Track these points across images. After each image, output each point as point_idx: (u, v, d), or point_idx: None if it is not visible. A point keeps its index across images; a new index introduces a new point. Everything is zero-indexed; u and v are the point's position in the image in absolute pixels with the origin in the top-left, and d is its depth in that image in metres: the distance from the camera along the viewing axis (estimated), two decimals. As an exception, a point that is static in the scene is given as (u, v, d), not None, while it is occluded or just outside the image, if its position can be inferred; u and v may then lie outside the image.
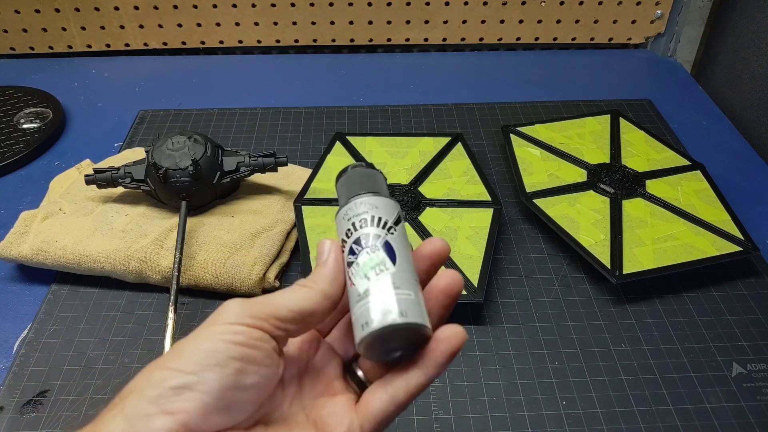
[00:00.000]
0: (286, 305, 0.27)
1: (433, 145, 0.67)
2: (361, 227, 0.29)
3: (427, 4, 0.88)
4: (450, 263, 0.54)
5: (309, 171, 0.64)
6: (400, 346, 0.28)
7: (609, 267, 0.54)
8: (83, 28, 0.87)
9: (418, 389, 0.28)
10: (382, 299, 0.27)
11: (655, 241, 0.56)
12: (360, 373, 0.30)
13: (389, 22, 0.89)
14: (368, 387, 0.29)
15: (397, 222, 0.30)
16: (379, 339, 0.27)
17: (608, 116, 0.73)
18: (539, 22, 0.90)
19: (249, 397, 0.26)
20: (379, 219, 0.29)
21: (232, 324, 0.26)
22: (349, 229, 0.30)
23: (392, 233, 0.29)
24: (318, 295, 0.28)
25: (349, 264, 0.29)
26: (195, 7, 0.86)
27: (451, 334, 0.28)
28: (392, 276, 0.28)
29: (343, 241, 0.30)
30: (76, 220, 0.57)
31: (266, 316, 0.27)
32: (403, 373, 0.28)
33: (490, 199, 0.60)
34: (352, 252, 0.29)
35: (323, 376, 0.30)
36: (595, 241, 0.56)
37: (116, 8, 0.86)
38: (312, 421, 0.28)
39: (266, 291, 0.54)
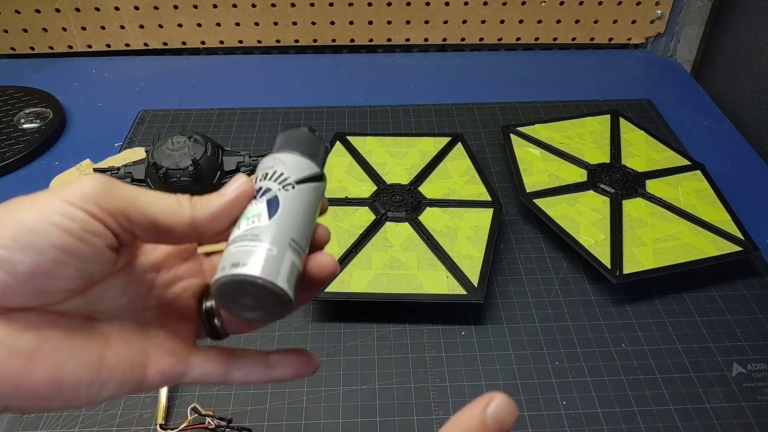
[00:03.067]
0: (144, 209, 0.24)
1: (433, 145, 0.67)
2: (261, 179, 0.28)
3: (428, 4, 0.88)
4: (450, 263, 0.54)
5: (309, 171, 0.64)
6: (253, 303, 0.26)
7: (609, 267, 0.53)
8: (83, 28, 0.87)
9: (254, 382, 0.27)
10: (239, 250, 0.25)
11: (656, 241, 0.56)
12: (209, 304, 0.29)
13: (389, 22, 0.89)
14: (212, 345, 0.28)
15: (300, 182, 0.28)
16: (228, 289, 0.25)
17: (608, 116, 0.73)
18: (539, 22, 0.90)
19: (61, 285, 0.23)
20: (281, 174, 0.28)
21: (72, 205, 0.22)
22: (258, 178, 0.28)
23: (287, 190, 0.28)
24: (185, 218, 0.25)
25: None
26: (195, 7, 0.86)
27: (298, 361, 0.28)
28: (261, 229, 0.26)
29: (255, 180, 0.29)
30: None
31: (116, 210, 0.23)
32: (251, 361, 0.27)
33: (490, 199, 0.60)
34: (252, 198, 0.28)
35: (182, 292, 0.28)
36: (595, 241, 0.56)
37: (116, 8, 0.86)
38: (141, 339, 0.26)
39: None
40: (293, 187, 0.28)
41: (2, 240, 0.21)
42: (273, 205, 0.27)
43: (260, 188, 0.28)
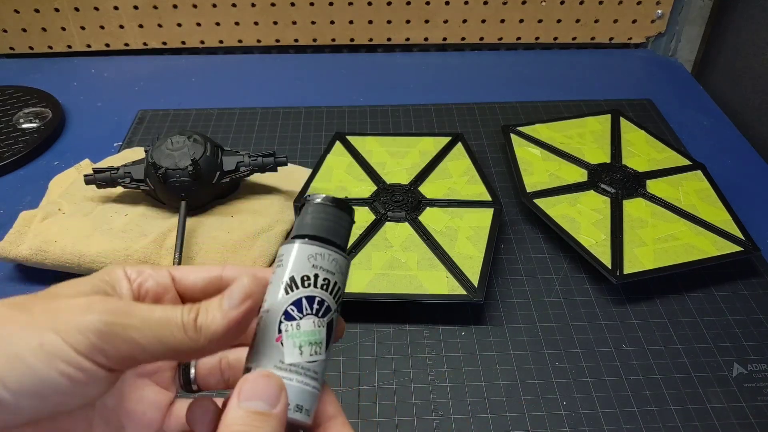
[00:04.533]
0: (152, 350, 0.22)
1: (433, 144, 0.67)
2: (322, 287, 0.25)
3: (428, 3, 0.88)
4: (450, 263, 0.53)
5: (309, 171, 0.64)
6: None
7: (609, 267, 0.53)
8: (83, 28, 0.87)
9: None
10: (302, 390, 0.24)
11: (656, 241, 0.56)
12: (189, 372, 0.29)
13: (389, 22, 0.89)
14: (186, 388, 0.28)
15: (342, 296, 0.27)
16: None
17: (609, 116, 0.73)
18: (540, 21, 0.90)
19: (53, 426, 0.23)
20: (338, 290, 0.26)
21: (80, 354, 0.21)
22: (308, 277, 0.25)
23: (338, 312, 0.26)
24: (196, 351, 0.23)
25: (288, 316, 0.25)
26: (195, 6, 0.86)
27: None
28: (319, 365, 0.25)
29: (293, 281, 0.25)
30: (76, 220, 0.56)
31: (125, 356, 0.22)
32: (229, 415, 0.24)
33: (490, 199, 0.60)
34: (298, 305, 0.25)
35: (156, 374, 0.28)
36: (595, 241, 0.56)
37: (116, 8, 0.85)
38: (116, 405, 0.26)
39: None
40: (340, 307, 0.26)
41: (8, 383, 0.20)
42: (330, 333, 0.25)
43: (323, 302, 0.25)
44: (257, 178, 0.62)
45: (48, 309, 0.22)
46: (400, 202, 0.59)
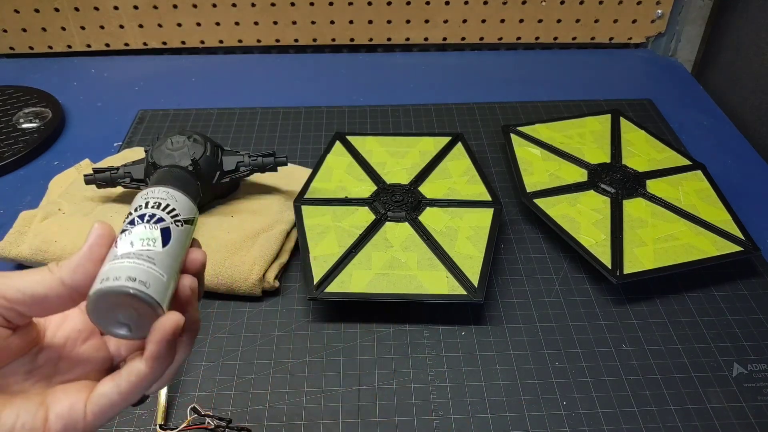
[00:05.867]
0: (17, 286, 0.27)
1: (433, 144, 0.67)
2: (152, 207, 0.30)
3: (428, 3, 0.88)
4: (450, 263, 0.53)
5: (309, 171, 0.64)
6: (127, 320, 0.28)
7: (609, 267, 0.53)
8: (83, 28, 0.87)
9: (141, 379, 0.28)
10: (135, 267, 0.27)
11: (656, 241, 0.56)
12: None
13: (389, 22, 0.89)
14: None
15: (187, 222, 0.30)
16: (112, 299, 0.27)
17: (609, 116, 0.73)
18: (540, 21, 0.90)
19: None
20: (172, 210, 0.30)
21: None
22: (140, 205, 0.30)
23: (177, 226, 0.30)
24: (55, 281, 0.27)
25: (122, 231, 0.29)
26: (194, 6, 0.86)
27: (162, 320, 0.27)
28: (155, 253, 0.28)
29: (129, 213, 0.30)
30: (76, 220, 0.56)
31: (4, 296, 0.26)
32: (129, 365, 0.28)
33: (490, 198, 0.60)
34: (131, 222, 0.29)
35: (83, 365, 0.30)
36: (595, 241, 0.56)
37: (116, 8, 0.85)
38: (42, 395, 0.28)
39: (266, 291, 0.54)
40: (182, 225, 0.30)
41: None
42: (166, 236, 0.29)
43: (153, 215, 0.29)
44: (257, 178, 0.62)
45: None
46: (400, 202, 0.59)
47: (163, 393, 0.46)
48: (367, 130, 0.74)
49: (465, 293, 0.51)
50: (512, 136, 0.69)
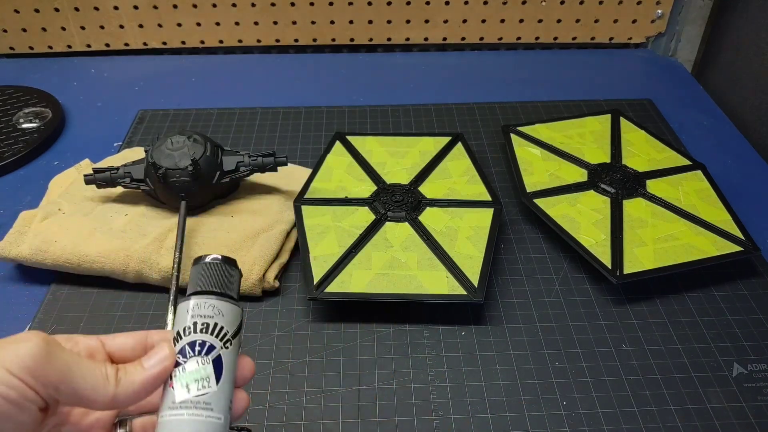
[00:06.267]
0: (74, 385, 0.26)
1: (433, 144, 0.67)
2: (201, 331, 0.29)
3: (428, 3, 0.88)
4: (450, 263, 0.53)
5: (309, 171, 0.64)
6: None
7: (609, 267, 0.53)
8: (83, 28, 0.87)
9: None
10: (195, 420, 0.28)
11: (656, 241, 0.56)
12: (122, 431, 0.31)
13: (389, 22, 0.89)
14: None
15: (235, 335, 0.30)
16: None
17: (609, 116, 0.73)
18: (540, 21, 0.90)
19: None
20: (221, 329, 0.30)
21: (12, 376, 0.25)
22: (189, 327, 0.30)
23: (227, 347, 0.30)
24: (107, 397, 0.27)
25: (176, 364, 0.29)
26: (194, 6, 0.86)
27: None
28: (211, 396, 0.28)
29: (179, 334, 0.30)
30: (76, 220, 0.56)
31: (49, 383, 0.26)
32: None
33: (490, 198, 0.60)
34: (183, 353, 0.29)
35: (95, 422, 0.31)
36: (595, 241, 0.56)
37: (116, 8, 0.85)
38: None
39: (266, 291, 0.54)
40: (231, 344, 0.30)
41: None
42: (218, 367, 0.29)
43: (203, 344, 0.29)
44: (257, 178, 0.62)
45: None
46: (400, 202, 0.59)
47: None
48: (367, 130, 0.74)
49: (465, 293, 0.51)
50: (512, 136, 0.69)
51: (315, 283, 0.51)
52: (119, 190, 0.60)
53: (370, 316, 0.53)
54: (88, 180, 0.57)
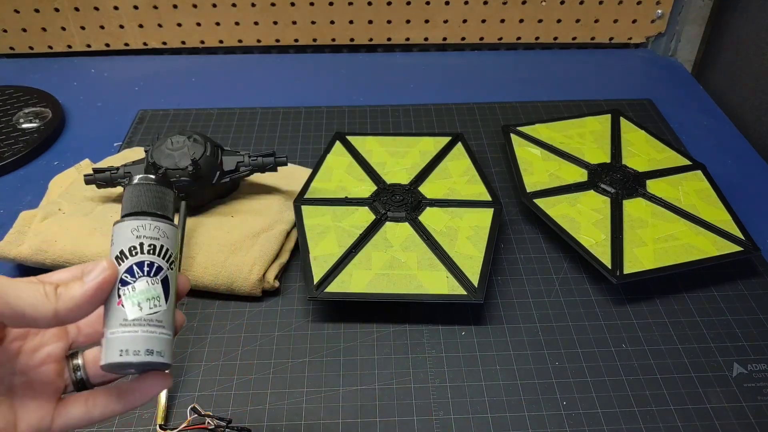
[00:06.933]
0: (11, 302, 0.26)
1: (433, 144, 0.67)
2: (148, 252, 0.30)
3: (428, 3, 0.88)
4: (450, 263, 0.53)
5: (309, 171, 0.64)
6: (140, 371, 0.31)
7: (609, 267, 0.53)
8: (83, 28, 0.87)
9: (113, 414, 0.30)
10: (150, 337, 0.29)
11: (656, 241, 0.56)
12: (75, 362, 0.32)
13: (389, 22, 0.89)
14: (75, 393, 0.31)
15: (177, 256, 0.32)
16: (133, 367, 0.29)
17: (609, 116, 0.73)
18: (540, 21, 0.90)
19: None
20: (166, 251, 0.31)
21: None
22: (135, 247, 0.30)
23: (171, 269, 0.31)
24: (49, 310, 0.27)
25: (123, 282, 0.29)
26: (195, 6, 0.86)
27: (153, 382, 0.30)
28: (162, 314, 0.30)
29: (122, 253, 0.30)
30: (76, 220, 0.56)
31: None
32: (105, 397, 0.30)
33: (490, 198, 0.60)
34: (130, 272, 0.29)
35: (45, 347, 0.31)
36: (595, 241, 0.56)
37: (116, 8, 0.85)
38: (10, 400, 0.29)
39: (266, 291, 0.54)
40: (174, 264, 0.31)
41: None
42: (166, 287, 0.30)
43: (152, 264, 0.30)
44: (257, 178, 0.62)
45: None
46: (400, 202, 0.59)
47: (163, 393, 0.46)
48: (367, 130, 0.74)
49: (465, 293, 0.51)
50: (512, 136, 0.69)
51: (315, 283, 0.51)
52: (119, 190, 0.60)
53: (370, 316, 0.53)
54: (88, 180, 0.57)
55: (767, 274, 0.57)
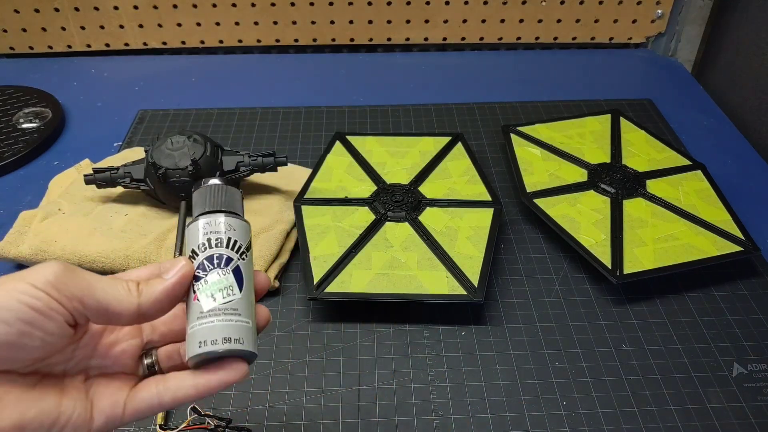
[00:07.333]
0: (97, 297, 0.28)
1: (433, 144, 0.67)
2: (216, 246, 0.31)
3: (428, 3, 0.88)
4: (450, 263, 0.53)
5: (309, 171, 0.64)
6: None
7: (609, 267, 0.53)
8: (83, 28, 0.87)
9: (185, 400, 0.30)
10: (226, 325, 0.29)
11: (656, 241, 0.56)
12: (149, 361, 0.32)
13: (389, 22, 0.89)
14: (150, 375, 0.32)
15: (248, 248, 0.32)
16: (216, 358, 0.29)
17: (609, 116, 0.73)
18: (540, 21, 0.90)
19: (26, 355, 0.27)
20: (235, 242, 0.31)
21: (37, 289, 0.26)
22: (204, 244, 0.31)
23: (243, 259, 0.31)
24: (132, 305, 0.29)
25: (197, 278, 0.30)
26: (195, 6, 0.86)
27: (231, 369, 0.30)
28: (237, 302, 0.30)
29: (194, 252, 0.31)
30: (76, 220, 0.56)
31: (72, 296, 0.27)
32: (177, 380, 0.30)
33: (490, 198, 0.60)
34: (202, 267, 0.30)
35: (119, 346, 0.32)
36: (595, 241, 0.56)
37: (116, 8, 0.85)
38: (87, 388, 0.30)
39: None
40: (246, 255, 0.31)
41: None
42: (238, 276, 0.30)
43: (221, 257, 0.30)
44: (257, 178, 0.62)
45: (17, 275, 0.27)
46: (400, 202, 0.59)
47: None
48: (367, 130, 0.74)
49: (465, 293, 0.51)
50: (512, 136, 0.69)
51: (315, 283, 0.51)
52: (119, 190, 0.60)
53: (370, 316, 0.53)
54: (88, 180, 0.57)
55: (767, 274, 0.57)
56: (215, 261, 0.30)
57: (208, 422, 0.44)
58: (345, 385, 0.48)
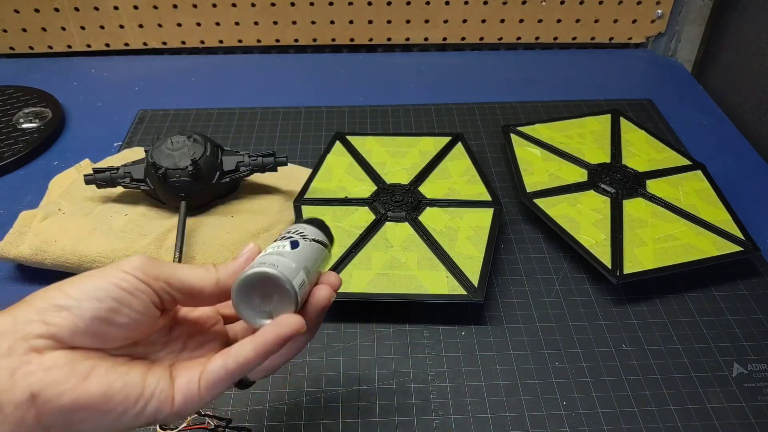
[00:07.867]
0: (180, 276, 0.31)
1: (433, 144, 0.67)
2: (287, 233, 0.35)
3: (428, 3, 0.88)
4: (450, 263, 0.53)
5: (309, 171, 0.64)
6: (264, 303, 0.31)
7: (609, 267, 0.53)
8: (83, 28, 0.87)
9: (248, 361, 0.30)
10: (268, 257, 0.32)
11: (656, 241, 0.56)
12: None
13: (389, 22, 0.89)
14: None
15: (314, 240, 0.35)
16: (250, 284, 0.31)
17: (609, 116, 0.73)
18: (540, 21, 0.90)
19: (116, 332, 0.29)
20: (301, 232, 0.35)
21: (125, 272, 0.30)
22: (287, 232, 0.36)
23: (305, 240, 0.35)
24: (212, 281, 0.32)
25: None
26: (195, 6, 0.86)
27: (285, 321, 0.31)
28: (285, 253, 0.32)
29: (276, 240, 0.35)
30: (76, 220, 0.56)
31: (158, 277, 0.31)
32: (238, 346, 0.31)
33: (490, 198, 0.60)
34: (274, 241, 0.34)
35: (207, 345, 0.35)
36: (595, 241, 0.56)
37: (116, 8, 0.85)
38: (171, 370, 0.32)
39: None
40: (308, 240, 0.35)
41: (74, 293, 0.29)
42: (294, 244, 0.34)
43: (284, 236, 0.35)
44: (257, 178, 0.62)
45: (113, 264, 0.31)
46: (400, 202, 0.59)
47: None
48: (367, 130, 0.74)
49: (465, 293, 0.51)
50: (512, 136, 0.69)
51: (315, 283, 0.51)
52: (119, 190, 0.60)
53: (370, 316, 0.53)
54: (88, 180, 0.57)
55: (767, 274, 0.57)
56: (280, 238, 0.34)
57: (208, 422, 0.44)
58: (345, 385, 0.48)
